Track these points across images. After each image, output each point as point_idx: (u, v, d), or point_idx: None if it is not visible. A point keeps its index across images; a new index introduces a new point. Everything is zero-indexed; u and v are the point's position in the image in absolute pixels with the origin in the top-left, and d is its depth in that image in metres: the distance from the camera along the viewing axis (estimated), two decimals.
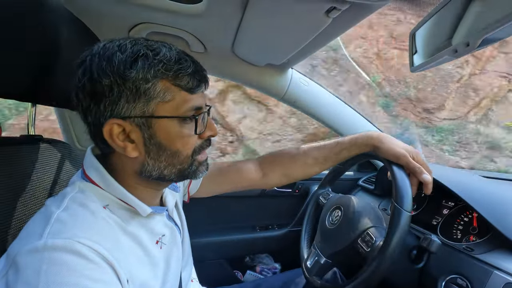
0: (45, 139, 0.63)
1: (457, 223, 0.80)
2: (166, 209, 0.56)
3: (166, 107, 0.44)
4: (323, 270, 0.72)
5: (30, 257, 0.35)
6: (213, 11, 0.69)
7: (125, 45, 0.42)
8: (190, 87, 0.45)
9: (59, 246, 0.35)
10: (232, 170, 0.77)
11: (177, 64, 0.43)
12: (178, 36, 0.86)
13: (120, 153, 0.45)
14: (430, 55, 0.57)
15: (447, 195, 0.86)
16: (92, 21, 0.68)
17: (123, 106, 0.42)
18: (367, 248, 0.63)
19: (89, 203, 0.43)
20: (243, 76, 1.08)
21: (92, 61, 0.42)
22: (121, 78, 0.41)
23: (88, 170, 0.46)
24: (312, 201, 0.89)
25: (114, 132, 0.43)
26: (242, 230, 1.28)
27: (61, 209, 0.40)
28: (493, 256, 0.64)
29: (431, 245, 0.63)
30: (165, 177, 0.48)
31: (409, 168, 0.64)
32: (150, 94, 0.42)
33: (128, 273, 0.41)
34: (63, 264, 0.35)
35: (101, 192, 0.45)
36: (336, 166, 0.85)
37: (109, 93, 0.41)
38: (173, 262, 0.53)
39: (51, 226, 0.38)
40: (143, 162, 0.46)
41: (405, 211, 0.58)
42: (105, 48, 0.42)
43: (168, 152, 0.46)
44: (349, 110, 1.18)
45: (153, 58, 0.42)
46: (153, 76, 0.42)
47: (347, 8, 0.56)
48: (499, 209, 0.71)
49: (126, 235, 0.45)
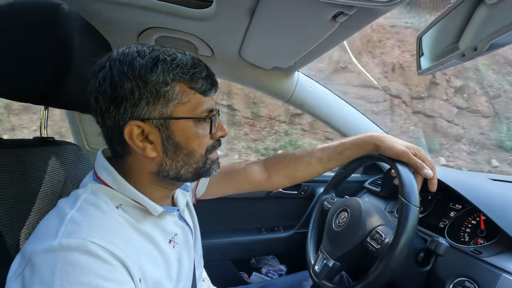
0: (57, 141, 0.65)
1: (464, 226, 0.80)
2: (177, 209, 0.57)
3: (183, 108, 0.46)
4: (332, 273, 0.71)
5: (45, 256, 0.36)
6: (221, 15, 0.70)
7: (143, 51, 0.45)
8: (204, 89, 0.47)
9: (73, 246, 0.36)
10: (238, 173, 0.78)
11: (193, 68, 0.46)
12: (187, 40, 0.87)
13: (137, 154, 0.47)
14: (437, 59, 0.57)
15: (455, 198, 0.86)
16: (103, 26, 0.70)
17: (143, 108, 0.44)
18: (377, 245, 0.63)
19: (101, 204, 0.44)
20: (250, 79, 1.09)
21: (112, 66, 0.44)
22: (143, 81, 0.43)
23: (100, 172, 0.48)
24: (316, 207, 0.89)
25: (134, 134, 0.45)
26: (248, 232, 1.29)
27: (74, 210, 0.42)
28: (502, 259, 0.64)
29: (439, 248, 0.63)
30: (182, 176, 0.50)
31: (411, 164, 0.65)
32: (169, 97, 0.45)
33: (141, 272, 0.42)
34: (76, 264, 0.35)
35: (113, 192, 0.47)
36: (339, 171, 0.86)
37: (130, 96, 0.43)
38: (185, 261, 0.54)
39: (65, 226, 0.39)
40: (161, 162, 0.48)
41: (413, 206, 0.58)
42: (124, 54, 0.45)
43: (185, 152, 0.48)
44: (355, 112, 1.19)
45: (171, 62, 0.45)
46: (172, 79, 0.44)
47: (354, 12, 0.57)
48: (507, 211, 0.70)
49: (139, 234, 0.46)
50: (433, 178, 0.64)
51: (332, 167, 0.77)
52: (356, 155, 0.74)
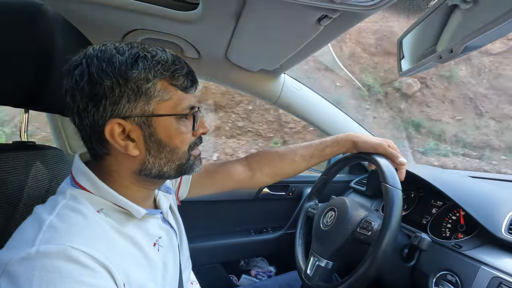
0: (38, 146, 0.63)
1: (445, 222, 0.83)
2: (161, 212, 0.56)
3: (165, 105, 0.46)
4: (326, 273, 0.71)
5: (22, 265, 0.34)
6: (207, 18, 0.70)
7: (121, 48, 0.44)
8: (185, 86, 0.48)
9: (52, 252, 0.35)
10: (220, 172, 0.78)
11: (174, 65, 0.46)
12: (172, 42, 0.87)
13: (117, 154, 0.46)
14: (416, 61, 0.60)
15: (436, 195, 0.89)
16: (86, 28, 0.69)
17: (124, 106, 0.43)
18: (367, 232, 0.65)
19: (82, 208, 0.42)
20: (237, 81, 1.10)
21: (89, 63, 0.42)
22: (123, 78, 0.42)
23: (77, 177, 0.46)
24: (301, 215, 0.90)
25: (115, 132, 0.44)
26: (237, 234, 1.29)
27: (53, 216, 0.40)
28: (480, 252, 0.67)
29: (422, 243, 0.65)
30: (165, 173, 0.49)
31: (387, 154, 0.70)
32: (150, 94, 0.44)
33: (125, 277, 0.41)
34: (56, 272, 0.34)
35: (93, 197, 0.45)
36: (321, 177, 0.88)
37: (110, 94, 0.42)
38: (170, 264, 0.53)
39: (43, 233, 0.37)
40: (144, 160, 0.47)
41: (396, 189, 0.62)
42: (101, 51, 0.43)
43: (168, 149, 0.48)
44: (340, 113, 1.21)
45: (152, 59, 0.44)
46: (153, 76, 0.44)
47: (338, 16, 0.59)
48: (485, 207, 0.74)
49: (123, 237, 0.45)
50: (403, 167, 0.70)
51: (313, 164, 0.81)
52: (336, 152, 0.78)
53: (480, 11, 0.42)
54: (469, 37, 0.42)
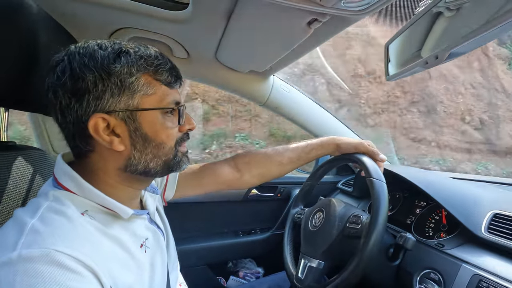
0: (19, 146, 0.60)
1: (429, 221, 0.86)
2: (147, 212, 0.55)
3: (150, 100, 0.46)
4: (318, 273, 0.71)
5: (3, 270, 0.33)
6: (198, 18, 0.70)
7: (104, 44, 0.44)
8: (169, 81, 0.48)
9: (35, 256, 0.34)
10: (207, 173, 0.78)
11: (157, 60, 0.46)
12: (161, 41, 0.86)
13: (102, 151, 0.45)
14: (403, 66, 0.61)
15: (420, 196, 0.92)
16: (71, 25, 0.67)
17: (107, 101, 0.43)
18: (357, 226, 0.67)
19: (65, 210, 0.41)
20: (226, 82, 1.10)
21: (71, 59, 0.42)
22: (106, 72, 0.42)
23: (61, 178, 0.45)
24: (288, 221, 0.90)
25: (100, 127, 0.43)
26: (225, 235, 1.28)
27: (35, 219, 0.38)
28: (462, 250, 0.69)
29: (407, 243, 0.67)
30: (151, 170, 0.49)
31: (368, 152, 0.74)
32: (134, 88, 0.44)
33: (111, 280, 0.40)
34: (39, 276, 0.33)
35: (77, 198, 0.44)
36: (306, 183, 0.89)
37: (93, 89, 0.42)
38: (158, 266, 0.52)
39: (25, 236, 0.36)
40: (129, 155, 0.46)
41: (381, 181, 0.65)
42: (83, 47, 0.43)
43: (154, 144, 0.47)
44: (328, 115, 1.23)
45: (134, 54, 0.44)
46: (136, 70, 0.44)
47: (328, 20, 0.60)
48: (466, 207, 0.77)
49: (109, 239, 0.44)
50: (383, 164, 0.75)
51: (300, 165, 0.83)
52: (321, 155, 0.81)
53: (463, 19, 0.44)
54: (453, 44, 0.43)
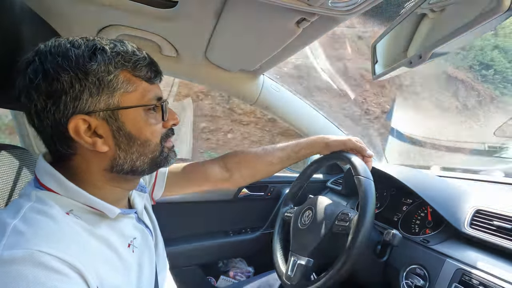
0: (1, 145, 0.59)
1: (415, 218, 0.88)
2: (135, 211, 0.54)
3: (131, 97, 0.44)
4: (307, 271, 0.71)
5: None
6: (187, 16, 0.69)
7: (77, 42, 0.42)
8: (149, 77, 0.46)
9: (18, 258, 0.33)
10: (197, 172, 0.78)
11: (135, 56, 0.45)
12: (149, 39, 0.85)
13: (85, 153, 0.44)
14: (389, 65, 0.63)
15: (406, 193, 0.94)
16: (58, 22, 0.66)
17: (86, 101, 0.41)
18: (345, 223, 0.67)
19: (49, 210, 0.40)
20: (216, 81, 1.09)
21: (43, 60, 0.40)
22: (82, 71, 0.40)
23: (43, 178, 0.44)
24: (278, 220, 0.90)
25: (81, 129, 0.41)
26: (215, 235, 1.28)
27: (17, 219, 0.37)
28: (446, 246, 0.71)
29: (394, 239, 0.68)
30: (138, 168, 0.48)
31: (356, 148, 0.76)
32: (113, 86, 0.43)
33: (98, 281, 0.39)
34: (23, 278, 0.32)
35: (61, 199, 0.43)
36: (295, 182, 0.90)
37: (70, 89, 0.40)
38: (146, 266, 0.51)
39: (7, 238, 0.35)
40: (114, 156, 0.45)
41: (368, 179, 0.66)
42: (54, 46, 0.41)
43: (139, 142, 0.46)
44: (317, 114, 1.24)
45: (111, 51, 0.43)
46: (114, 67, 0.42)
47: (316, 19, 0.60)
48: (450, 204, 0.79)
49: (96, 239, 0.43)
50: (371, 160, 0.77)
51: (289, 164, 0.83)
52: (310, 154, 0.82)
53: (446, 20, 0.45)
54: (436, 44, 0.45)
